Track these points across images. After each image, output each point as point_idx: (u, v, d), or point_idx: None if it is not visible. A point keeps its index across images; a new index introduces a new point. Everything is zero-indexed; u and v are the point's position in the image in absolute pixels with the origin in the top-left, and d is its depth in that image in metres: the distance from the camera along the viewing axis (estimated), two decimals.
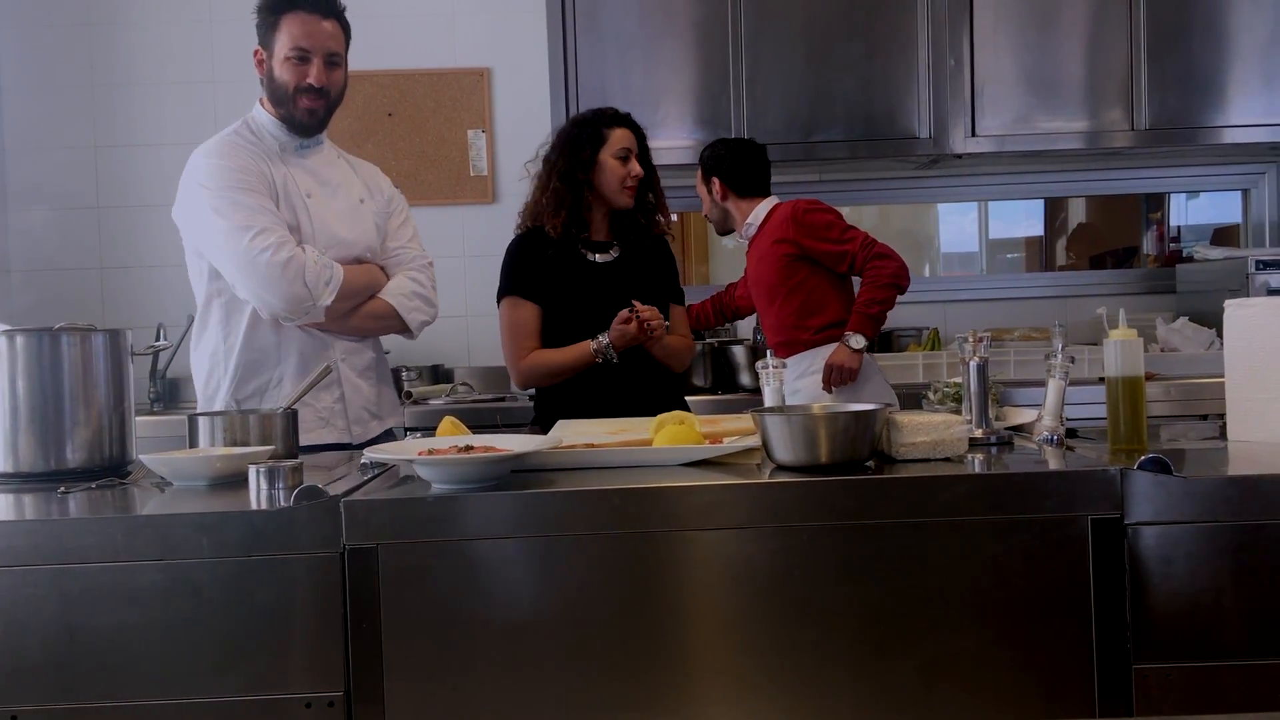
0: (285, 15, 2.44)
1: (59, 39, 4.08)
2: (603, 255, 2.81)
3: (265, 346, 2.47)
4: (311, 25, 2.44)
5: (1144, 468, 1.61)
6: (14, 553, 1.58)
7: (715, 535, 1.63)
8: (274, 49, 2.47)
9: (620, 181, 2.77)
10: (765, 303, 3.38)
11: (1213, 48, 3.77)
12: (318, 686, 1.59)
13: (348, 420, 2.54)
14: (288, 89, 2.47)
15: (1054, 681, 1.61)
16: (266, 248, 2.33)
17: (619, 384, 2.72)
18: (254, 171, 2.43)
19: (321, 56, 2.46)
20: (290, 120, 2.50)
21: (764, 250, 3.34)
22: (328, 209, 2.52)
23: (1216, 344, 3.65)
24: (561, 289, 2.75)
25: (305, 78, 2.45)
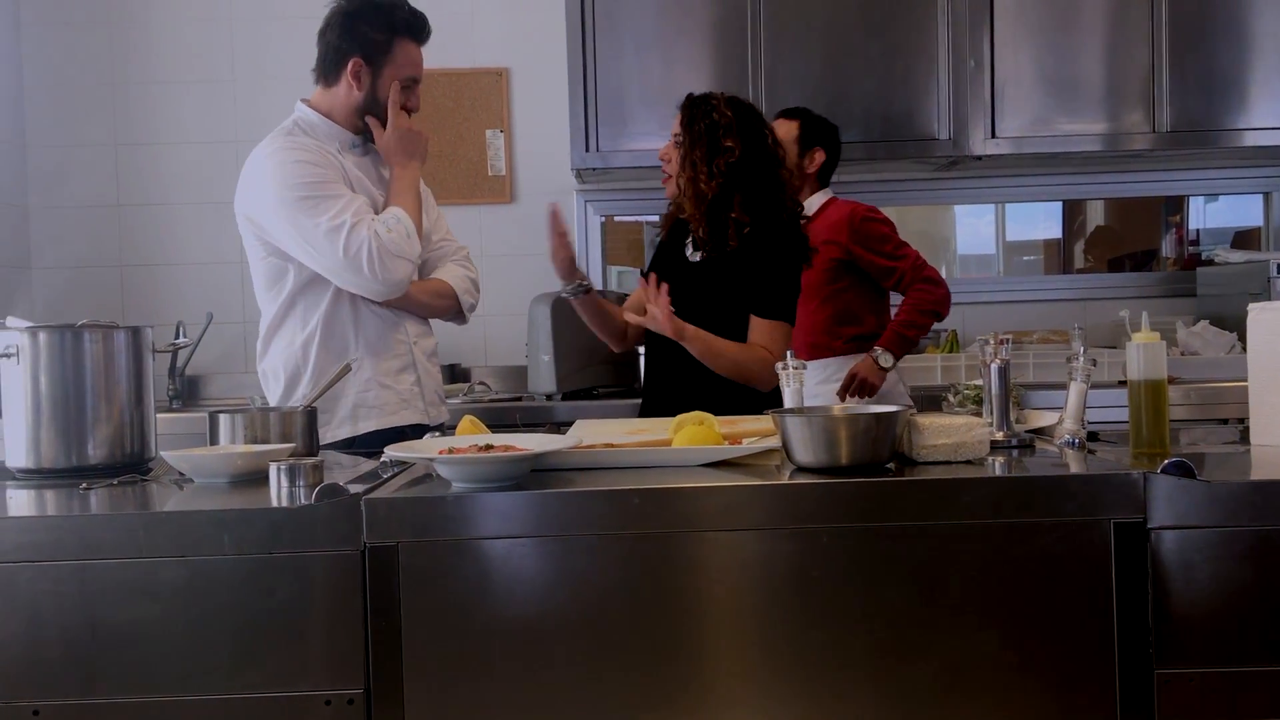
0: (400, 40, 2.52)
1: (80, 38, 4.11)
2: (697, 254, 2.65)
3: (344, 332, 2.51)
4: (419, 56, 2.56)
5: (1167, 472, 1.60)
6: (36, 548, 1.59)
7: (734, 536, 1.62)
8: (383, 69, 2.52)
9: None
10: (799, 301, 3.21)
11: (1234, 50, 3.75)
12: (338, 684, 1.59)
13: (424, 402, 2.60)
14: (384, 107, 2.53)
15: (1076, 686, 1.60)
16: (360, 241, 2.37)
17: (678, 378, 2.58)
18: (327, 164, 2.48)
19: (420, 84, 2.59)
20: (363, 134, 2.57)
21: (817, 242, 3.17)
22: (378, 206, 2.57)
23: (1238, 348, 3.63)
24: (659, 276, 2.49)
25: (408, 103, 2.56)
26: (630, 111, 3.77)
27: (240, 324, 4.09)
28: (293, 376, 2.53)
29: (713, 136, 2.54)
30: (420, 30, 2.54)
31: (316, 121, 2.57)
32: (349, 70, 2.52)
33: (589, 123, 3.76)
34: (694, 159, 2.54)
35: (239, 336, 4.10)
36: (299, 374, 2.53)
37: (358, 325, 2.51)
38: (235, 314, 4.08)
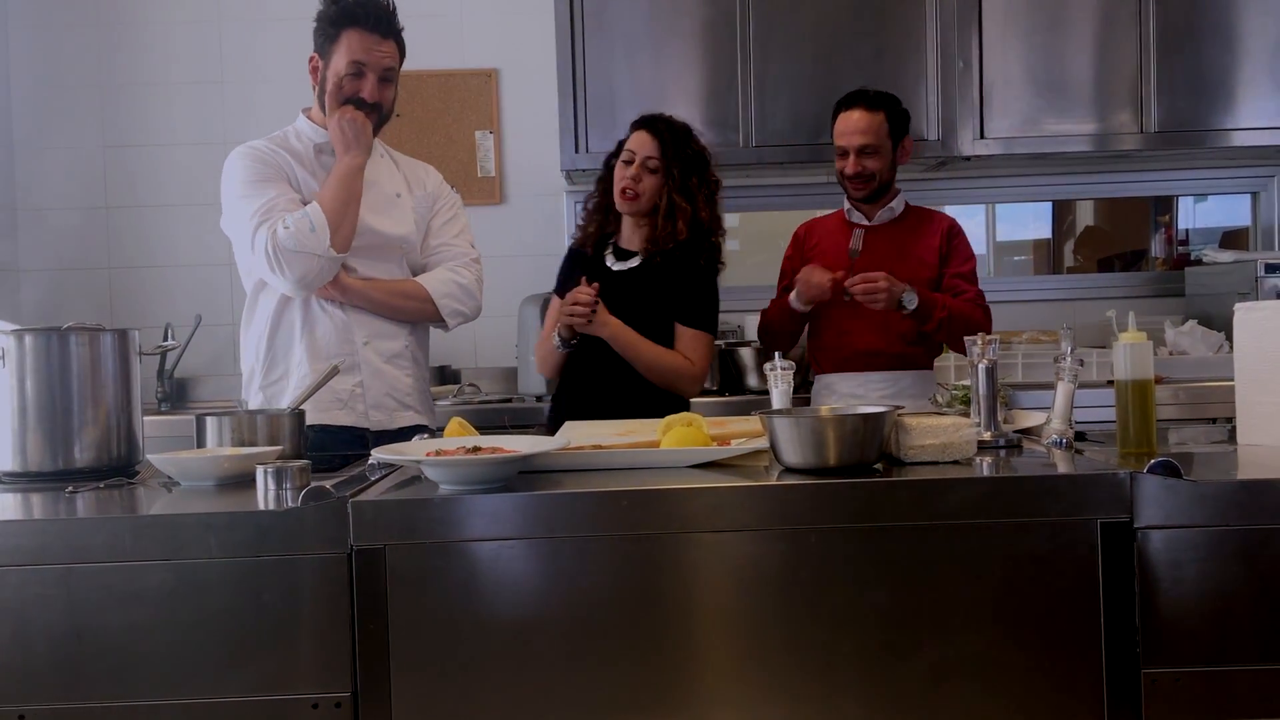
0: (346, 30, 2.49)
1: (68, 39, 4.09)
2: (622, 263, 2.80)
3: (290, 331, 2.52)
4: (370, 42, 2.49)
5: (1154, 471, 1.60)
6: (22, 552, 1.58)
7: (723, 537, 1.63)
8: (330, 59, 2.52)
9: (615, 186, 2.77)
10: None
11: (1222, 50, 3.75)
12: (325, 687, 1.59)
13: (366, 405, 2.55)
14: (340, 100, 2.51)
15: (1063, 685, 1.61)
16: (262, 234, 2.40)
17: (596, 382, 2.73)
18: (268, 158, 2.50)
19: (376, 73, 2.51)
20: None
21: (907, 250, 3.01)
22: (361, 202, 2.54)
23: (1225, 347, 3.63)
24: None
25: (359, 91, 2.50)
26: (620, 113, 3.75)
27: (229, 326, 4.07)
28: (250, 373, 2.57)
29: (700, 165, 2.76)
30: (368, 18, 2.48)
31: (305, 128, 2.59)
32: (310, 68, 2.56)
33: (579, 124, 3.75)
34: (689, 186, 2.73)
35: (228, 339, 4.08)
36: (254, 371, 2.56)
37: (306, 324, 2.51)
38: (224, 316, 4.06)
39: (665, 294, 2.73)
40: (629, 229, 2.82)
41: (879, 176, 3.00)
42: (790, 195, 4.19)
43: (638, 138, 2.76)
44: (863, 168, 2.98)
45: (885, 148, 2.99)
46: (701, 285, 2.76)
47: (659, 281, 2.74)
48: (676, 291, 2.74)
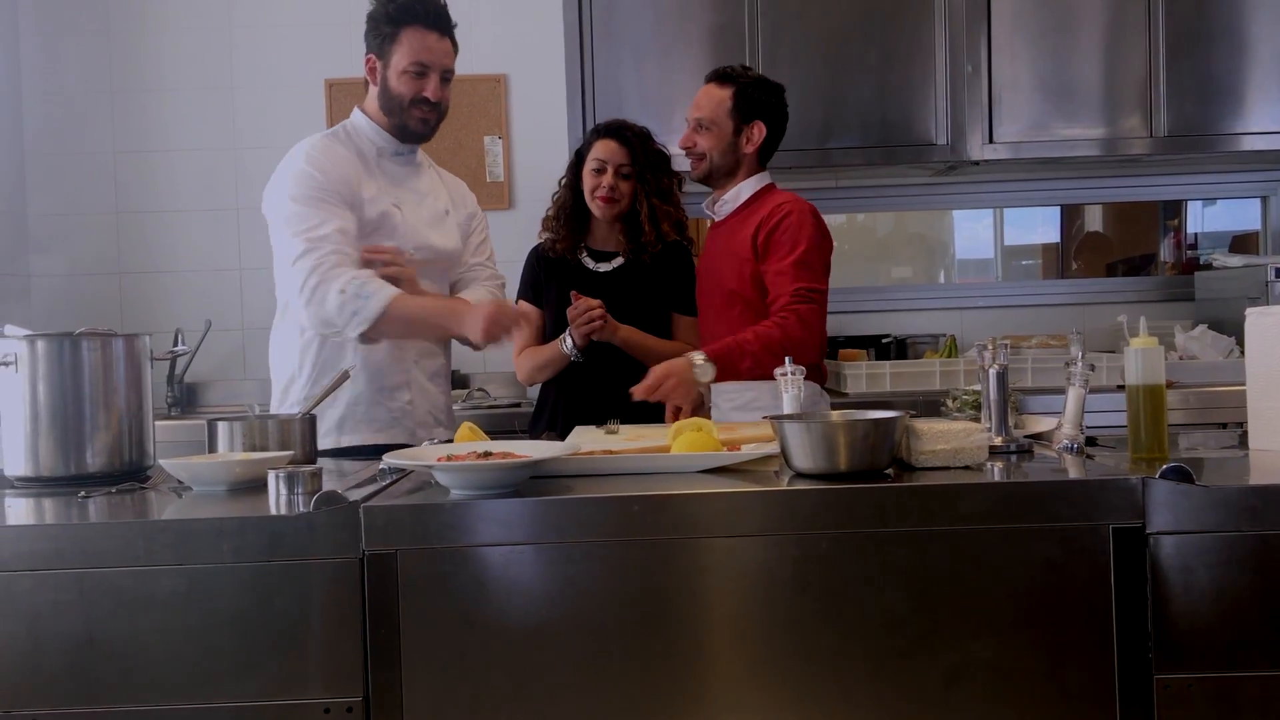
0: (406, 28, 2.48)
1: (79, 46, 4.10)
2: (604, 264, 2.95)
3: (340, 345, 2.50)
4: (431, 41, 2.49)
5: (1166, 476, 1.60)
6: (35, 557, 1.59)
7: (733, 543, 1.63)
8: (390, 60, 2.51)
9: (590, 192, 2.89)
10: (717, 306, 2.76)
11: (1231, 54, 3.75)
12: (336, 691, 1.59)
13: (413, 422, 2.57)
14: (403, 100, 2.51)
15: (1075, 691, 1.60)
16: (303, 268, 2.37)
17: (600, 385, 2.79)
18: (331, 172, 2.46)
19: (438, 72, 2.52)
20: (402, 130, 2.56)
21: (731, 244, 2.73)
22: (417, 215, 2.59)
23: (1236, 352, 3.62)
24: (557, 296, 2.89)
25: (423, 91, 2.50)
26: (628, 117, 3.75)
27: (239, 331, 4.09)
28: (289, 380, 2.55)
29: (666, 166, 2.95)
30: (427, 15, 2.49)
31: (363, 125, 2.58)
32: (367, 69, 2.55)
33: (586, 129, 3.74)
34: (663, 188, 2.91)
35: (237, 344, 4.09)
36: (294, 378, 2.54)
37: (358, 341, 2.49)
38: (234, 321, 4.08)
39: (657, 289, 2.92)
40: (603, 231, 2.97)
41: (710, 157, 2.73)
42: None
43: (606, 146, 2.89)
44: (693, 142, 2.74)
45: (724, 125, 2.71)
46: (690, 275, 2.96)
47: (648, 278, 2.92)
48: (670, 285, 2.94)
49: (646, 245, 2.89)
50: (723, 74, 2.78)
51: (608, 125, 2.97)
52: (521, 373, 2.98)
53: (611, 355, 2.81)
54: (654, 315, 2.92)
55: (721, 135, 2.72)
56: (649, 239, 2.89)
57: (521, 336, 2.85)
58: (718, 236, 2.82)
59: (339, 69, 4.08)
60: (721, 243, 2.78)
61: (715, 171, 2.76)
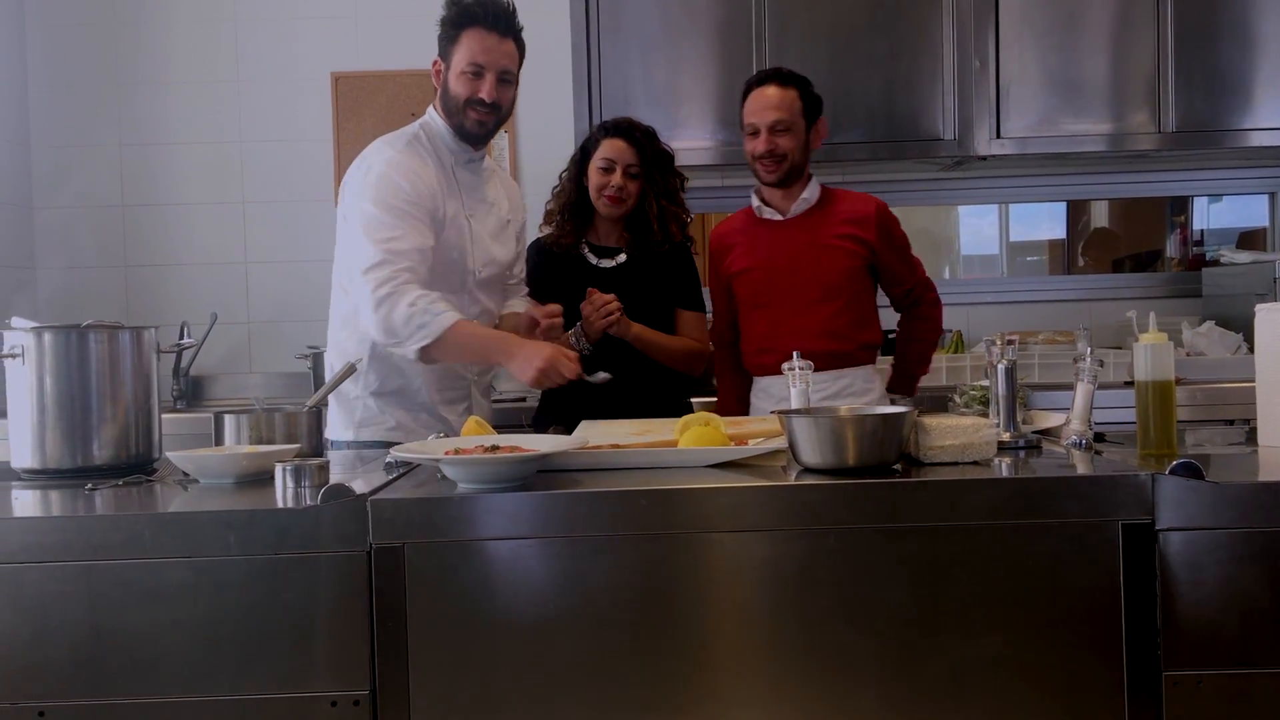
0: (466, 30, 2.47)
1: (85, 38, 4.10)
2: (607, 260, 2.96)
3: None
4: (490, 42, 2.47)
5: (1175, 473, 1.59)
6: (42, 549, 1.59)
7: (741, 537, 1.62)
8: (451, 61, 2.50)
9: (598, 191, 2.89)
10: (810, 301, 2.85)
11: (1240, 50, 3.73)
12: (343, 685, 1.59)
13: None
14: (459, 101, 2.49)
15: (1083, 687, 1.60)
16: (376, 278, 2.35)
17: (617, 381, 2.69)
18: (419, 185, 2.45)
19: (495, 73, 2.49)
20: (460, 130, 2.54)
21: (828, 240, 2.86)
22: (484, 227, 2.60)
23: (1243, 348, 3.61)
24: (562, 291, 2.83)
25: (478, 92, 2.48)
26: (635, 113, 3.71)
27: (244, 324, 4.09)
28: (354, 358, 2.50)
29: (671, 165, 2.97)
30: (488, 16, 2.47)
31: (440, 129, 2.57)
32: (433, 71, 2.55)
33: (593, 122, 3.74)
34: (670, 189, 2.94)
35: (243, 337, 4.09)
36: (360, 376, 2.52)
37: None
38: (239, 314, 4.08)
39: (661, 285, 2.95)
40: (605, 227, 2.97)
41: (790, 157, 2.82)
42: None
43: (614, 145, 2.89)
44: (775, 145, 2.81)
45: (798, 126, 2.84)
46: (693, 271, 3.03)
47: (651, 275, 2.93)
48: (673, 281, 2.97)
49: (654, 245, 2.91)
50: (781, 75, 2.89)
51: (615, 123, 2.95)
52: None
53: (619, 349, 2.81)
54: (657, 311, 2.93)
55: (799, 135, 2.84)
56: (657, 239, 2.91)
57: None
58: (791, 234, 2.88)
59: (345, 62, 4.08)
60: (803, 239, 2.87)
61: (794, 171, 2.85)
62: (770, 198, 2.92)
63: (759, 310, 2.91)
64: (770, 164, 2.83)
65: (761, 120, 2.82)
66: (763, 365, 2.88)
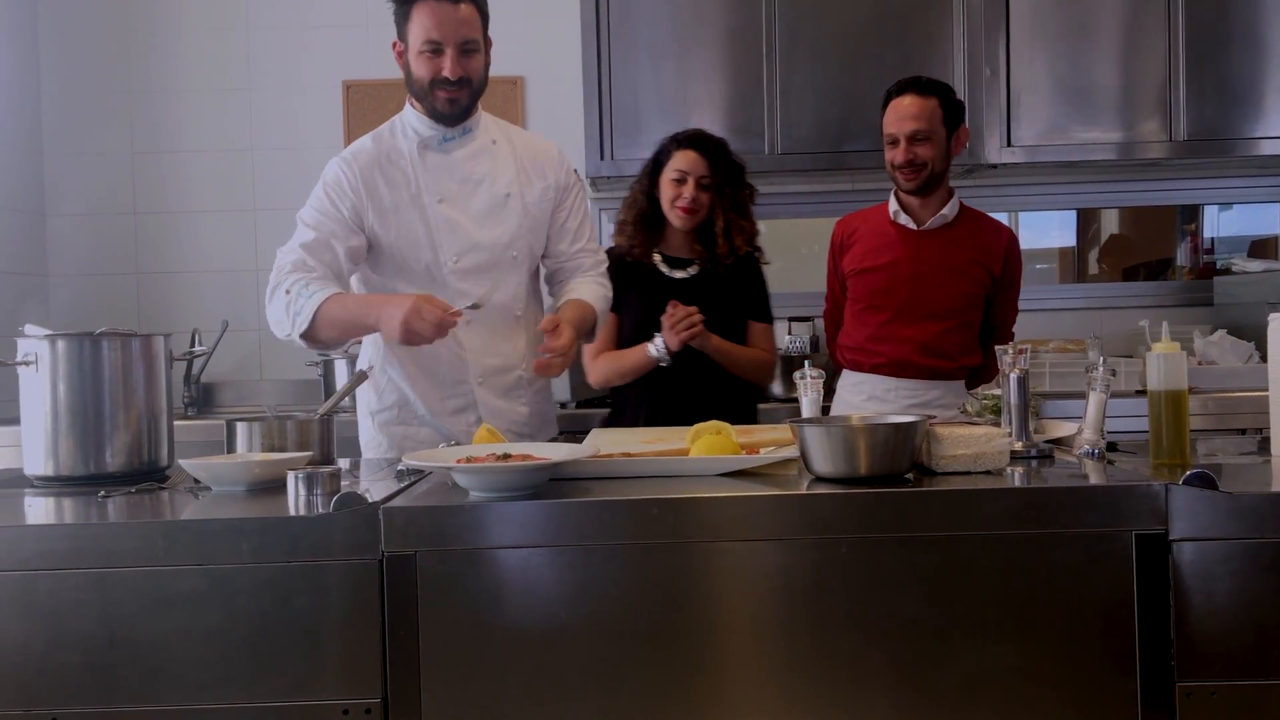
0: (416, 4, 2.33)
1: (97, 46, 4.12)
2: (680, 271, 2.98)
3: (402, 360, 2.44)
4: (443, 14, 2.31)
5: (1189, 483, 1.59)
6: (55, 556, 1.59)
7: (752, 546, 1.62)
8: (408, 40, 2.36)
9: (669, 203, 2.93)
10: (924, 315, 2.89)
11: (1251, 58, 3.73)
12: (355, 692, 1.59)
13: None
14: (424, 83, 2.37)
15: (1096, 699, 1.59)
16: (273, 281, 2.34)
17: (686, 390, 2.86)
18: (339, 196, 2.39)
19: (455, 46, 2.33)
20: (434, 113, 2.41)
21: (959, 263, 2.90)
22: (465, 210, 2.43)
23: (1255, 357, 3.60)
24: (636, 300, 2.91)
25: (440, 71, 2.34)
26: (645, 120, 3.76)
27: (255, 331, 4.09)
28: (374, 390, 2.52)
29: (742, 178, 2.99)
30: None
31: (410, 118, 2.45)
32: (395, 54, 2.42)
33: (603, 131, 3.76)
34: (741, 201, 2.96)
35: (254, 344, 4.10)
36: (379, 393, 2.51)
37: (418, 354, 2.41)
38: (250, 322, 4.08)
39: (734, 297, 2.98)
40: (677, 238, 2.99)
41: (931, 165, 2.85)
42: (814, 202, 4.18)
43: (687, 157, 2.91)
44: (914, 155, 2.83)
45: (939, 135, 2.85)
46: (762, 283, 3.06)
47: (723, 287, 2.95)
48: (746, 293, 3.01)
49: (721, 258, 2.94)
50: (920, 84, 2.89)
51: (688, 135, 2.97)
52: (597, 375, 2.97)
53: (695, 359, 2.85)
54: (729, 322, 2.95)
55: (939, 144, 2.85)
56: (723, 252, 2.93)
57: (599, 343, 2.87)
58: (923, 246, 2.90)
59: (357, 71, 4.09)
60: (934, 255, 2.89)
61: (933, 179, 2.88)
62: (908, 204, 2.94)
63: (870, 311, 2.95)
64: (910, 173, 2.85)
65: (900, 130, 2.84)
66: (857, 363, 2.98)
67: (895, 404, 2.89)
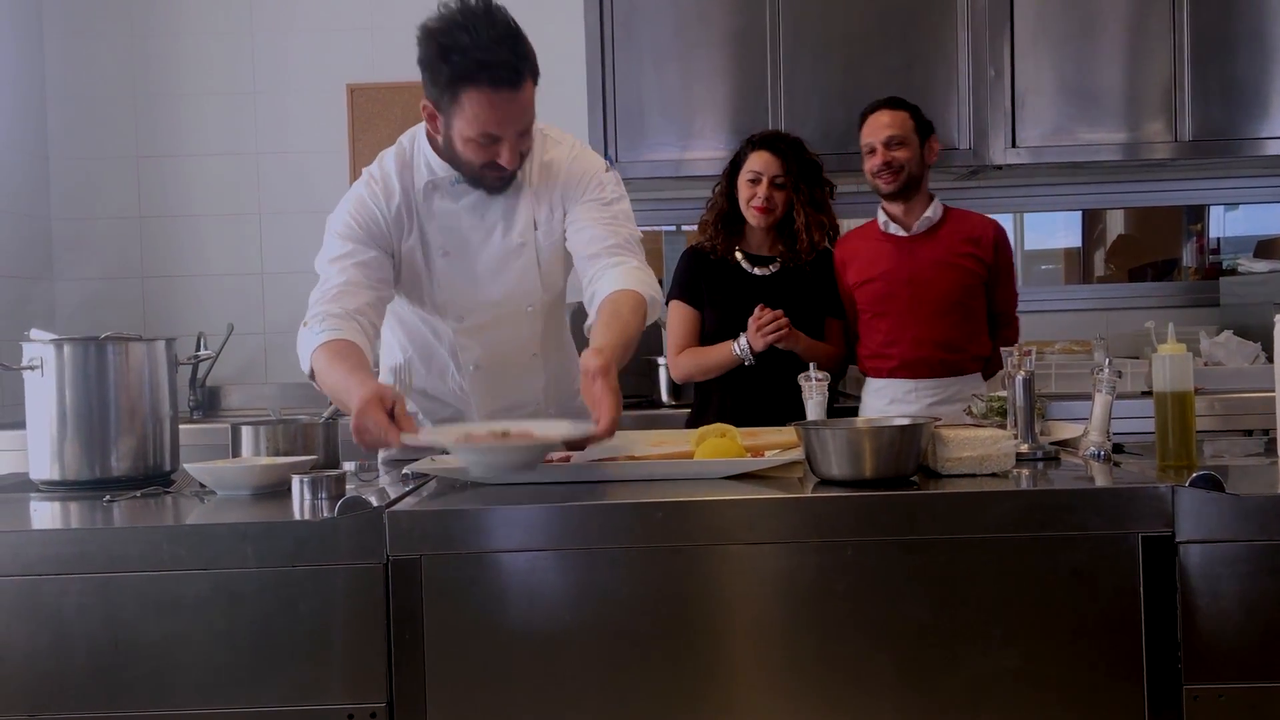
0: (467, 92, 1.99)
1: (102, 50, 4.13)
2: (761, 269, 3.07)
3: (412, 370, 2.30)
4: (504, 107, 2.01)
5: (1196, 485, 1.58)
6: (60, 560, 1.59)
7: (758, 549, 1.62)
8: (453, 122, 2.05)
9: (746, 202, 3.03)
10: (930, 312, 3.01)
11: (1256, 59, 3.72)
12: (360, 697, 1.59)
13: None
14: (473, 165, 2.10)
15: (1102, 702, 1.59)
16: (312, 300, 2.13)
17: (767, 388, 2.91)
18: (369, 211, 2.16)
19: (512, 137, 2.06)
20: (475, 184, 2.16)
21: (949, 257, 3.03)
22: (471, 266, 2.20)
23: (1262, 358, 3.59)
24: (718, 297, 3.04)
25: (496, 158, 2.06)
26: (649, 122, 3.76)
27: (260, 335, 4.10)
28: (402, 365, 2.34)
29: (819, 175, 3.08)
30: (493, 75, 1.98)
31: (429, 157, 2.17)
32: (425, 115, 2.12)
33: (608, 133, 3.75)
34: (817, 198, 3.04)
35: (259, 347, 4.11)
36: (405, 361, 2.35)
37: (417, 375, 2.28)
38: (255, 325, 4.09)
39: (815, 293, 3.06)
40: (758, 236, 3.09)
41: (907, 168, 3.01)
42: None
43: (761, 158, 3.01)
44: (891, 158, 3.00)
45: (912, 141, 3.03)
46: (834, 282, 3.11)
47: (804, 284, 3.05)
48: (823, 289, 3.08)
49: (801, 253, 3.02)
50: (893, 101, 3.10)
51: (763, 136, 3.08)
52: (680, 371, 3.09)
53: (778, 358, 2.91)
54: (810, 319, 3.04)
55: (914, 149, 3.03)
56: (803, 247, 3.01)
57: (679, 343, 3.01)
58: (914, 249, 3.05)
59: (361, 74, 4.10)
60: (925, 255, 3.04)
61: (910, 183, 3.03)
62: (894, 214, 3.08)
63: (878, 318, 3.07)
64: (888, 175, 3.01)
65: (876, 138, 3.03)
66: (877, 369, 3.11)
67: (917, 404, 3.01)
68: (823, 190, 3.08)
